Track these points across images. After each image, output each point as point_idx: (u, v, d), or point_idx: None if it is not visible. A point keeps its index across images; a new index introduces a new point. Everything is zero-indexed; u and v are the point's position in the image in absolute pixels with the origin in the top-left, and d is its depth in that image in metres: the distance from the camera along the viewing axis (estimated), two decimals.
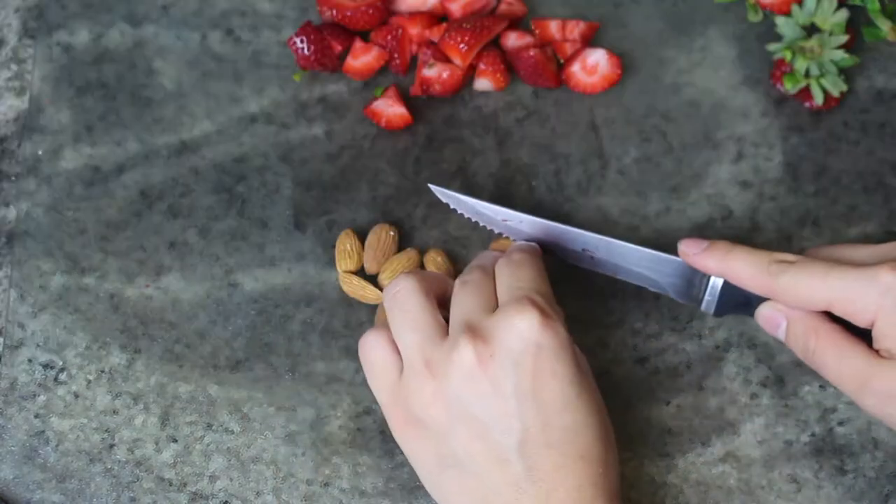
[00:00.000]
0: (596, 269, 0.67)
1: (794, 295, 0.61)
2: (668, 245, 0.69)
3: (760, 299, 0.63)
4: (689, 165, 0.71)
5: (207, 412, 0.67)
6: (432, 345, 0.59)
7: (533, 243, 0.66)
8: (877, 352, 0.60)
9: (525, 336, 0.58)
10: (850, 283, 0.59)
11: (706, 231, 0.70)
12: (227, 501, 0.65)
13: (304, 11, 0.75)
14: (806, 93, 0.72)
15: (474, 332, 0.58)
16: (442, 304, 0.62)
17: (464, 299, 0.61)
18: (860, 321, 0.60)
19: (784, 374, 0.67)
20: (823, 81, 0.71)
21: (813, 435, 0.66)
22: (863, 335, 0.60)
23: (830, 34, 0.72)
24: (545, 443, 0.57)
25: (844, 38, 0.71)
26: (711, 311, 0.64)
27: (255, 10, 0.75)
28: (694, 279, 0.64)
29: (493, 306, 0.60)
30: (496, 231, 0.67)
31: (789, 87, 0.71)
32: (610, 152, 0.72)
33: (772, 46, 0.72)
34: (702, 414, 0.66)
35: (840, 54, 0.71)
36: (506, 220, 0.67)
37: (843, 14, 0.72)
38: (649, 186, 0.71)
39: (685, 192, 0.71)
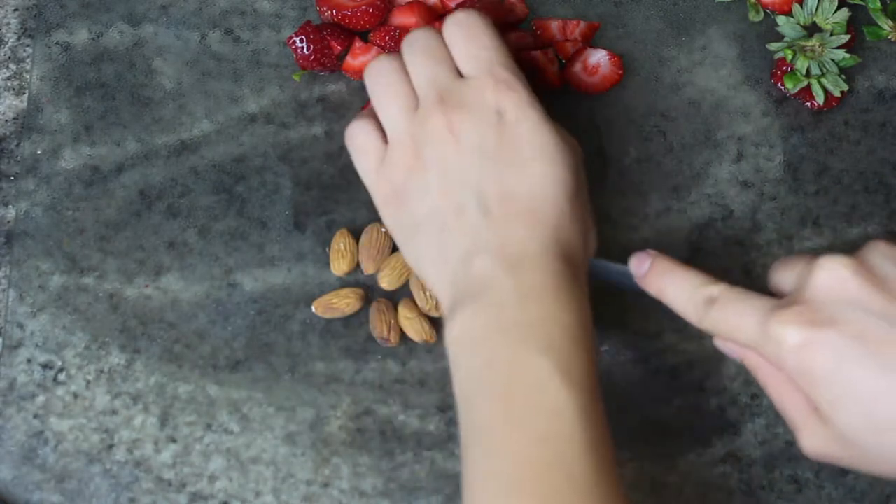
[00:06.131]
0: None
1: (722, 335, 0.60)
2: (668, 245, 0.69)
3: None
4: (689, 165, 0.71)
5: (207, 412, 0.66)
6: (410, 115, 0.63)
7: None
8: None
9: (490, 105, 0.62)
10: (752, 333, 0.57)
11: (707, 231, 0.70)
12: (226, 502, 0.65)
13: (303, 11, 0.75)
14: (807, 92, 0.72)
15: (443, 101, 0.62)
16: None
17: (422, 63, 0.64)
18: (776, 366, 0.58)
19: None
20: (824, 81, 0.71)
21: None
22: None
23: (831, 34, 0.72)
24: (499, 196, 0.60)
25: (845, 38, 0.71)
26: None
27: (255, 9, 0.75)
28: None
29: (454, 68, 0.64)
30: None
31: (790, 86, 0.71)
32: (610, 152, 0.71)
33: (773, 46, 0.72)
34: (702, 414, 0.66)
35: (841, 54, 0.71)
36: None
37: (844, 13, 0.72)
38: (649, 186, 0.71)
39: (685, 191, 0.71)
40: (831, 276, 0.55)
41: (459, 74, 0.63)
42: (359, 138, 0.65)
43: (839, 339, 0.54)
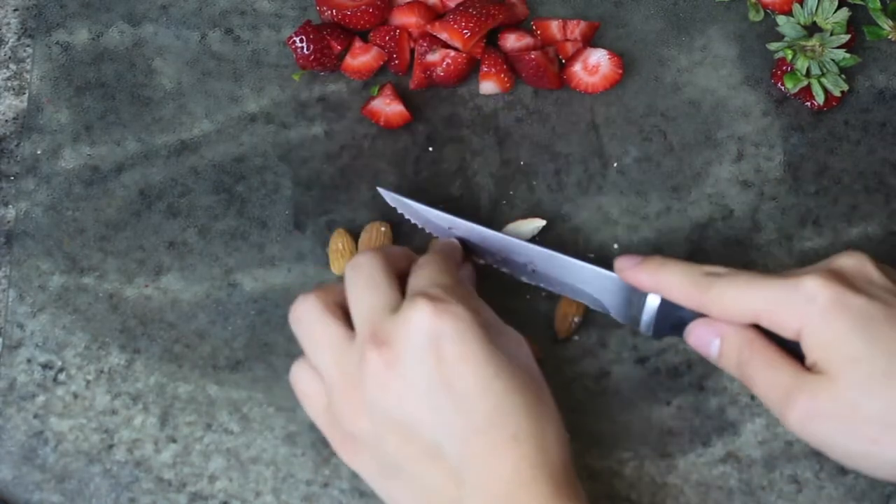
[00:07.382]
0: (539, 283, 0.66)
1: (723, 306, 0.60)
2: (668, 245, 0.69)
3: (695, 318, 0.62)
4: (689, 165, 0.71)
5: (207, 412, 0.66)
6: (344, 358, 0.59)
7: (453, 241, 0.66)
8: (807, 368, 0.59)
9: (422, 329, 0.57)
10: (775, 292, 0.59)
11: (707, 231, 0.70)
12: (226, 502, 0.65)
13: (303, 11, 0.75)
14: (807, 92, 0.72)
15: (376, 337, 0.58)
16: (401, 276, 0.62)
17: (360, 297, 0.60)
18: (787, 332, 0.59)
19: None
20: (824, 81, 0.71)
21: None
22: (798, 356, 0.59)
23: (831, 33, 0.72)
24: (472, 430, 0.56)
25: (845, 38, 0.71)
26: (650, 332, 0.64)
27: (255, 9, 0.75)
28: (633, 298, 0.64)
29: (394, 301, 0.59)
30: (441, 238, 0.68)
31: (790, 86, 0.71)
32: (610, 152, 0.71)
33: (773, 45, 0.72)
34: (702, 414, 0.66)
35: (841, 53, 0.71)
36: (451, 228, 0.67)
37: (844, 13, 0.72)
38: (649, 186, 0.71)
39: (685, 191, 0.71)
40: (853, 259, 0.60)
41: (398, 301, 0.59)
42: (300, 384, 0.62)
43: (868, 304, 0.58)
